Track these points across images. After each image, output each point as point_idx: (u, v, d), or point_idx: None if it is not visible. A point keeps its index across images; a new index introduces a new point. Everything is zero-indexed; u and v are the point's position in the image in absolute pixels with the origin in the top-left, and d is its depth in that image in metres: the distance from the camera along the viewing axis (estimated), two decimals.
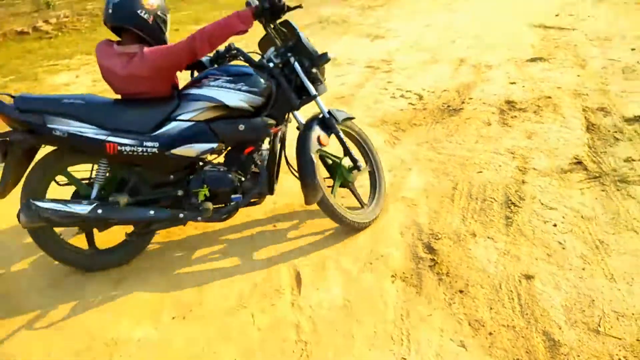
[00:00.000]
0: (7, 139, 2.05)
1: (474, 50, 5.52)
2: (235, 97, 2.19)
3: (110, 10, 2.08)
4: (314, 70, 2.39)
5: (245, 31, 2.16)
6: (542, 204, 2.62)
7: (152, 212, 2.22)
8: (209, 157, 2.39)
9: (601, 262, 2.16)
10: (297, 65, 2.33)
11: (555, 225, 2.44)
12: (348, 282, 2.21)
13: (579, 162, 2.96)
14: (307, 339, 1.92)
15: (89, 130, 2.05)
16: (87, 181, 2.34)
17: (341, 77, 5.03)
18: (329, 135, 2.45)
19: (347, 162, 2.57)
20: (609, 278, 2.07)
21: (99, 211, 2.14)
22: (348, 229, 2.50)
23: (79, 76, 5.79)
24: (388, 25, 7.12)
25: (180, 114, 2.16)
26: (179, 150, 2.14)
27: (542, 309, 1.95)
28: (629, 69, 4.32)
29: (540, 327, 1.87)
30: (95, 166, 2.27)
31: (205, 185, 2.25)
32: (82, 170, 2.31)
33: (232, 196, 2.30)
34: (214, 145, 2.20)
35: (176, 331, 2.02)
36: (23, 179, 2.20)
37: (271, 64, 2.33)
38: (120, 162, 2.23)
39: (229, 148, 2.37)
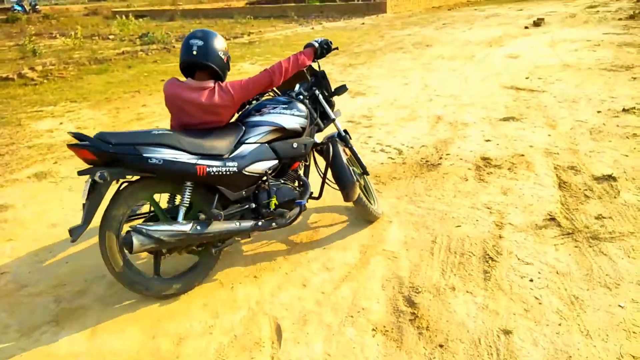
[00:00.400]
0: (97, 175, 2.15)
1: (450, 108, 5.78)
2: (291, 121, 2.69)
3: (194, 52, 2.42)
4: (332, 99, 3.09)
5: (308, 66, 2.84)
6: (518, 259, 2.69)
7: (238, 223, 2.52)
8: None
9: (577, 318, 2.21)
10: (320, 96, 2.95)
11: (531, 280, 2.50)
12: (329, 336, 2.20)
13: (553, 219, 3.07)
14: None
15: (182, 156, 2.28)
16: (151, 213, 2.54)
17: (323, 132, 5.16)
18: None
19: (357, 169, 3.15)
20: (585, 334, 2.11)
21: (199, 228, 2.37)
22: (371, 220, 3.14)
23: (63, 123, 5.82)
24: (369, 83, 7.42)
25: (247, 138, 2.55)
26: (251, 168, 2.52)
27: None
28: (596, 130, 4.57)
29: None
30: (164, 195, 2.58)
31: (274, 196, 2.62)
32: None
33: (297, 201, 2.72)
34: (276, 162, 2.64)
35: None
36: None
37: (301, 96, 2.87)
38: (205, 183, 2.45)
39: (283, 165, 2.76)
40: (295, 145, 2.70)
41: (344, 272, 2.67)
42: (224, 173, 2.40)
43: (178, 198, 2.54)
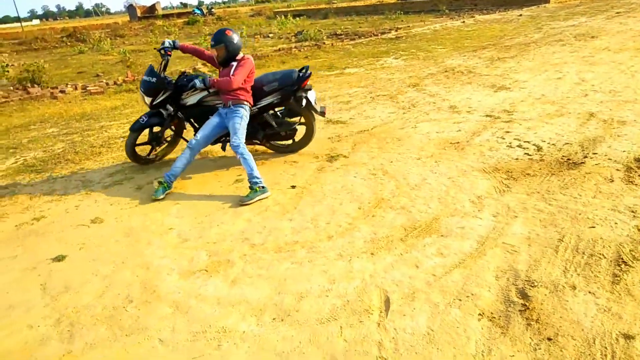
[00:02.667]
0: None
1: (607, 105, 5.24)
2: None
3: None
4: None
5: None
6: None
7: None
8: None
9: None
10: None
11: None
12: (434, 314, 2.31)
13: None
14: (388, 357, 2.06)
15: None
16: None
17: (459, 124, 5.13)
18: None
19: None
20: None
21: None
22: None
23: None
24: (515, 77, 7.04)
25: None
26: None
27: None
28: None
29: None
30: None
31: None
32: None
33: None
34: None
35: (274, 330, 2.31)
36: None
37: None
38: None
39: None
40: None
41: (458, 259, 2.73)
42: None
43: None
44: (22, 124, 6.86)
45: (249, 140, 4.40)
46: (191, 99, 4.28)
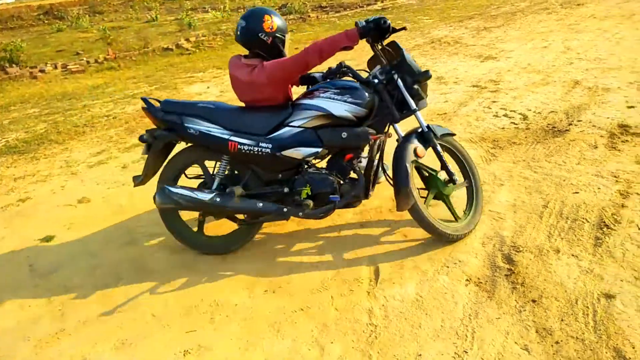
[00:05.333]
0: (145, 136, 2.56)
1: (592, 72, 5.27)
2: (341, 108, 2.45)
3: (239, 32, 2.52)
4: (416, 86, 2.57)
5: (351, 47, 2.41)
6: (639, 228, 2.52)
7: (260, 204, 2.52)
8: (314, 161, 2.66)
9: None
10: (399, 81, 2.53)
11: None
12: (423, 281, 2.36)
13: None
14: (378, 323, 2.11)
15: (215, 130, 2.46)
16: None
17: (445, 95, 5.13)
18: (426, 148, 2.60)
19: (443, 175, 2.68)
20: None
21: (217, 200, 2.49)
22: (438, 239, 2.59)
23: (210, 87, 6.60)
24: (502, 46, 7.03)
25: (292, 121, 2.47)
26: (288, 152, 2.45)
27: (618, 327, 1.92)
28: None
29: (612, 344, 1.85)
30: (218, 163, 2.68)
31: (308, 185, 2.52)
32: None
33: (331, 197, 2.53)
34: (319, 149, 2.47)
35: (266, 302, 2.34)
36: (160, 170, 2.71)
37: (376, 80, 2.55)
38: (239, 160, 2.57)
39: (332, 154, 2.63)
40: (344, 134, 2.46)
41: None
42: (256, 152, 2.43)
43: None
44: (2, 105, 6.70)
45: None
46: None
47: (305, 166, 2.60)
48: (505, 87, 5.14)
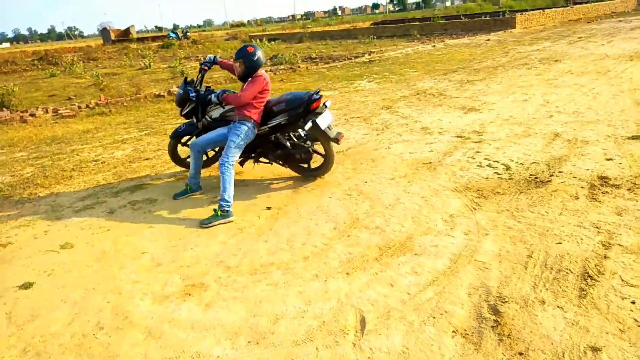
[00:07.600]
0: None
1: (571, 125, 5.46)
2: None
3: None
4: None
5: None
6: (622, 280, 2.54)
7: None
8: None
9: None
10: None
11: (634, 302, 2.36)
12: (409, 332, 2.33)
13: None
14: None
15: None
16: None
17: (431, 145, 5.25)
18: None
19: None
20: None
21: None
22: None
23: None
24: (484, 99, 7.27)
25: None
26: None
27: None
28: None
29: None
30: None
31: None
32: None
33: None
34: None
35: (249, 354, 2.28)
36: None
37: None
38: None
39: None
40: None
41: (432, 277, 2.77)
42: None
43: None
44: None
45: (258, 157, 4.51)
46: (214, 113, 4.44)
47: None
48: (489, 138, 5.29)
